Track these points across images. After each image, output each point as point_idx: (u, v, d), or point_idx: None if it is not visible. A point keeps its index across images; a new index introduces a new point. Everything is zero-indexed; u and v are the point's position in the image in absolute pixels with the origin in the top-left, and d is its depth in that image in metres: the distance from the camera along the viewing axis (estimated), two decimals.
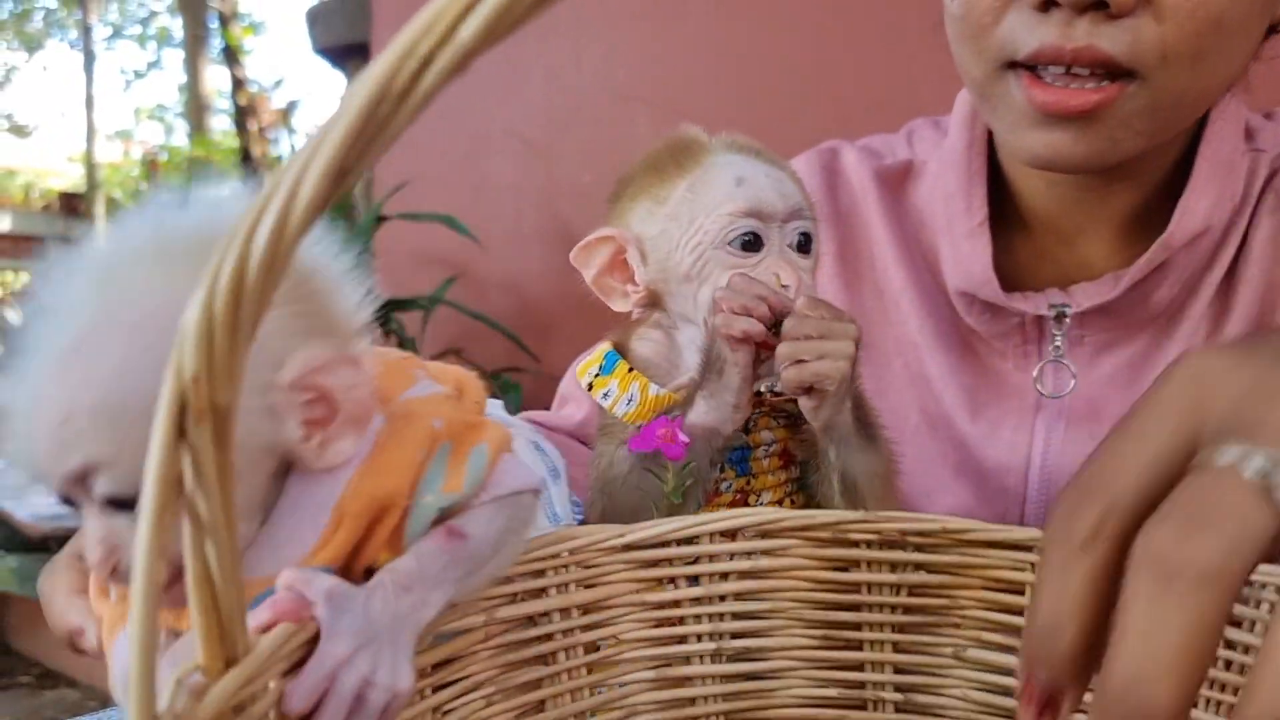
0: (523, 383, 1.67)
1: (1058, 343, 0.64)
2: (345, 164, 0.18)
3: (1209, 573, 0.25)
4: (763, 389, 0.56)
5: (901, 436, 0.60)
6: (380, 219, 1.73)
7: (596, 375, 0.58)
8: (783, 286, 0.54)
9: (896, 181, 0.74)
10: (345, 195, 1.65)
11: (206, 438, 0.23)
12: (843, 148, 0.77)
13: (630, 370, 0.57)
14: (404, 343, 1.71)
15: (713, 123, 0.60)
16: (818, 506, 0.58)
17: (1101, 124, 0.55)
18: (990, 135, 0.66)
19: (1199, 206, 0.60)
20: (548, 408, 0.75)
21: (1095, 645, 0.29)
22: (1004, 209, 0.67)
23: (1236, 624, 0.48)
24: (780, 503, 0.56)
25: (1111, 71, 0.53)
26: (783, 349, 0.51)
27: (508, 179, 1.83)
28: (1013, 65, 0.56)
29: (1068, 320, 0.64)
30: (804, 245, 0.57)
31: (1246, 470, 0.26)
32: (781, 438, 0.57)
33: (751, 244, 0.55)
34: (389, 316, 1.73)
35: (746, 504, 0.56)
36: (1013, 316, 0.65)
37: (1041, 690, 0.31)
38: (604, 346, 0.59)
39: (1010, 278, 0.65)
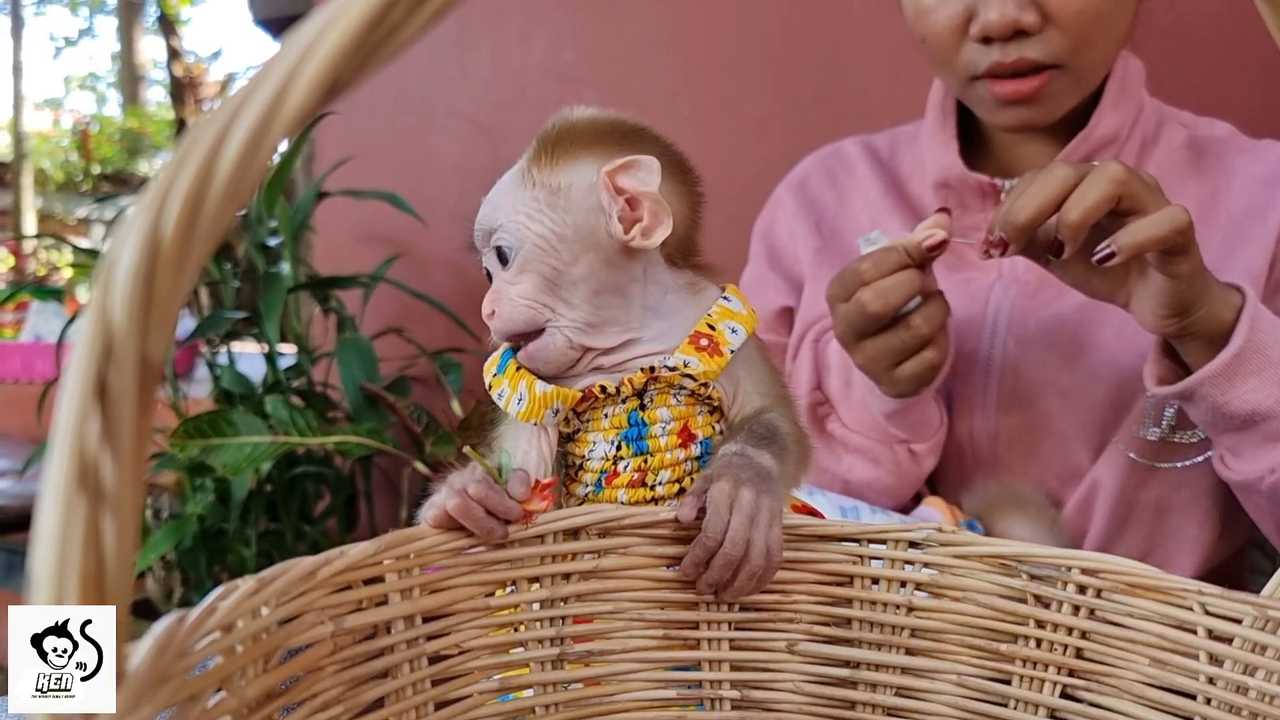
0: (464, 363, 1.66)
1: None
2: (341, 74, 0.15)
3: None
4: (654, 364, 0.55)
5: None
6: (321, 195, 1.69)
7: (494, 375, 0.57)
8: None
9: (888, 150, 1.00)
10: (284, 170, 1.61)
11: (130, 396, 0.19)
12: (843, 141, 1.03)
13: (519, 369, 0.56)
14: (344, 321, 1.68)
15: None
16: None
17: (1045, 98, 0.82)
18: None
19: (1109, 117, 0.86)
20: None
21: (1035, 225, 0.66)
22: (968, 138, 0.92)
23: (1045, 604, 0.51)
24: (679, 481, 0.55)
25: (1040, 67, 0.80)
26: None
27: (452, 158, 1.81)
28: (975, 77, 0.82)
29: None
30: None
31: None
32: (680, 415, 0.55)
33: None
34: (328, 294, 1.69)
35: (645, 484, 0.55)
36: (977, 209, 0.89)
37: (997, 239, 0.66)
38: (504, 343, 0.58)
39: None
